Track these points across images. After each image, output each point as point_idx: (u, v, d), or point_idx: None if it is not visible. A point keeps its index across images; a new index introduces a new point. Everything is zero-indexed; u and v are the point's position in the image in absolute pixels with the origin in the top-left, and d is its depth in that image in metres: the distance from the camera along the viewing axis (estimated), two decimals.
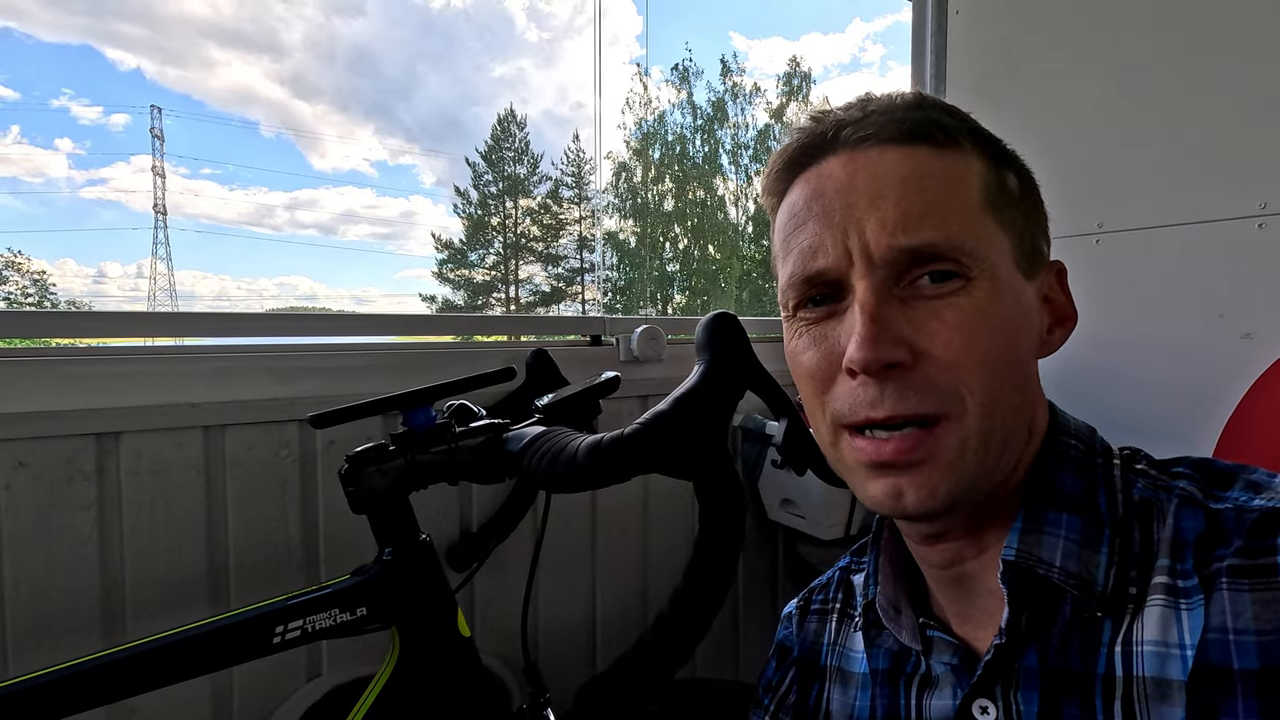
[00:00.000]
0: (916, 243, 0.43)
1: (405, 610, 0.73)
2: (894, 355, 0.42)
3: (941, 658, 0.50)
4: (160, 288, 26.55)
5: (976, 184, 0.45)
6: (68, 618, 0.84)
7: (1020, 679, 0.45)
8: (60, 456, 0.83)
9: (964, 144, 0.46)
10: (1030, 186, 0.49)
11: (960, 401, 0.42)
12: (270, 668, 0.93)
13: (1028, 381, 0.46)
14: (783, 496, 1.26)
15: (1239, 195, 0.98)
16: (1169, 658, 0.40)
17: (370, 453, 0.73)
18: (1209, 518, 0.42)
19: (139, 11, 42.83)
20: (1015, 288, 0.45)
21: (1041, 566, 0.44)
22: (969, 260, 0.43)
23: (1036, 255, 0.48)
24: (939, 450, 0.43)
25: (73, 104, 40.16)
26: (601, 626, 1.23)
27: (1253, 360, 0.97)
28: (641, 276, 19.98)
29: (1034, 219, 0.49)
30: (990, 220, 0.45)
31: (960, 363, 0.42)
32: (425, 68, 43.70)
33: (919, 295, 0.43)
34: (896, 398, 0.42)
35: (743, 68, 25.97)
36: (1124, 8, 1.09)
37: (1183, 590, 0.41)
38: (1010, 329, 0.44)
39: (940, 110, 0.47)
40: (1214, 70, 0.99)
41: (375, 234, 42.74)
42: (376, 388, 0.93)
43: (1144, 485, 0.46)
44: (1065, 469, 0.46)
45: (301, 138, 42.16)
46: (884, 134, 0.45)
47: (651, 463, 0.58)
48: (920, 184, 0.44)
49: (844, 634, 0.60)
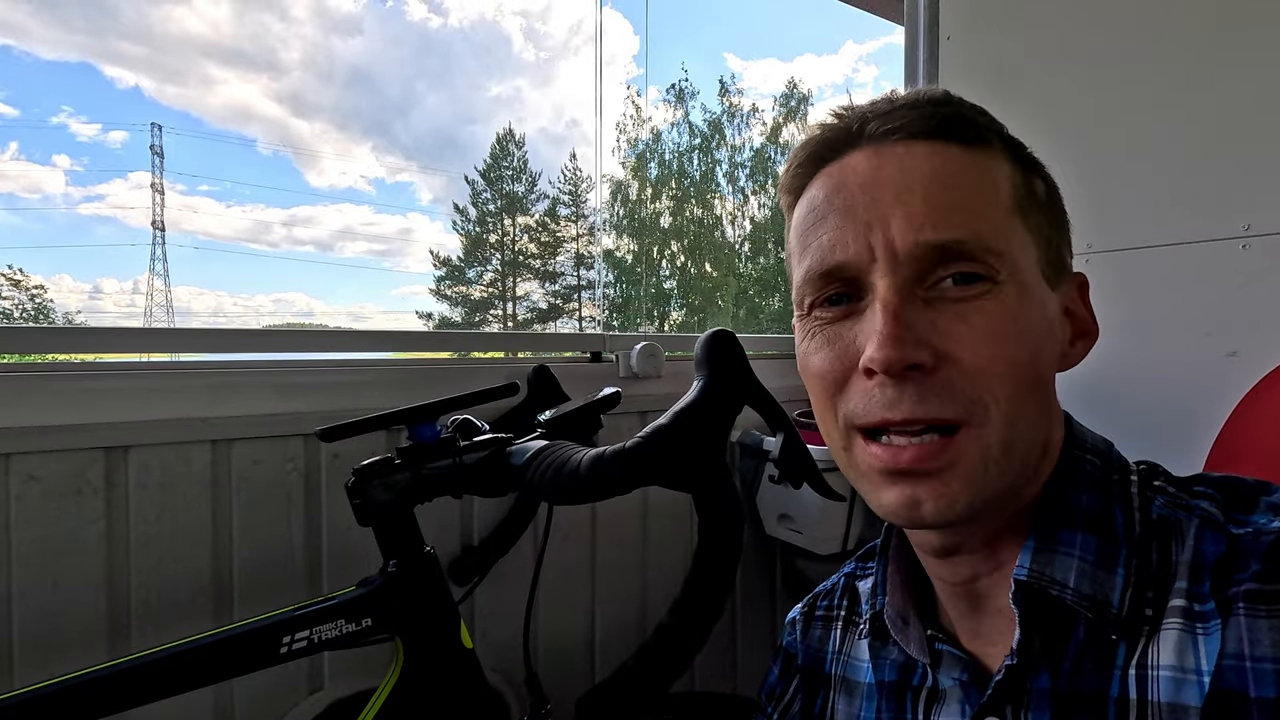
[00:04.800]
0: (945, 238, 0.41)
1: (410, 621, 0.74)
2: (917, 356, 0.40)
3: (950, 673, 0.49)
4: (157, 304, 26.52)
5: (1005, 186, 0.43)
6: (74, 629, 0.85)
7: (1031, 699, 0.44)
8: (70, 470, 0.85)
9: (993, 144, 0.45)
10: (1055, 195, 0.48)
11: (984, 409, 0.40)
12: (272, 681, 0.94)
13: (1048, 394, 0.45)
14: (780, 511, 1.27)
15: (1224, 218, 1.00)
16: (1185, 683, 0.39)
17: (377, 466, 0.75)
18: (1229, 542, 0.41)
19: (139, 30, 43.17)
20: (1041, 296, 0.44)
21: (1055, 588, 0.42)
22: (997, 263, 0.41)
23: (1061, 265, 0.46)
24: (961, 459, 0.41)
25: (71, 121, 40.34)
26: (600, 640, 1.23)
27: (1239, 378, 0.99)
28: (638, 294, 20.05)
29: (1060, 228, 0.47)
30: (1019, 224, 0.43)
31: (986, 369, 0.40)
32: (423, 86, 44.11)
33: (944, 297, 0.41)
34: (916, 400, 0.40)
35: (739, 88, 26.28)
36: (1114, 34, 1.12)
37: (1199, 614, 0.40)
38: (1035, 338, 0.42)
39: (969, 108, 0.45)
40: (1201, 98, 1.02)
41: (373, 250, 42.83)
42: (379, 403, 0.95)
43: (1163, 503, 0.44)
44: (1081, 486, 0.45)
45: (299, 155, 42.39)
46: (912, 128, 0.43)
47: (652, 475, 0.60)
48: (949, 180, 0.42)
49: (849, 642, 0.58)
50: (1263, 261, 0.97)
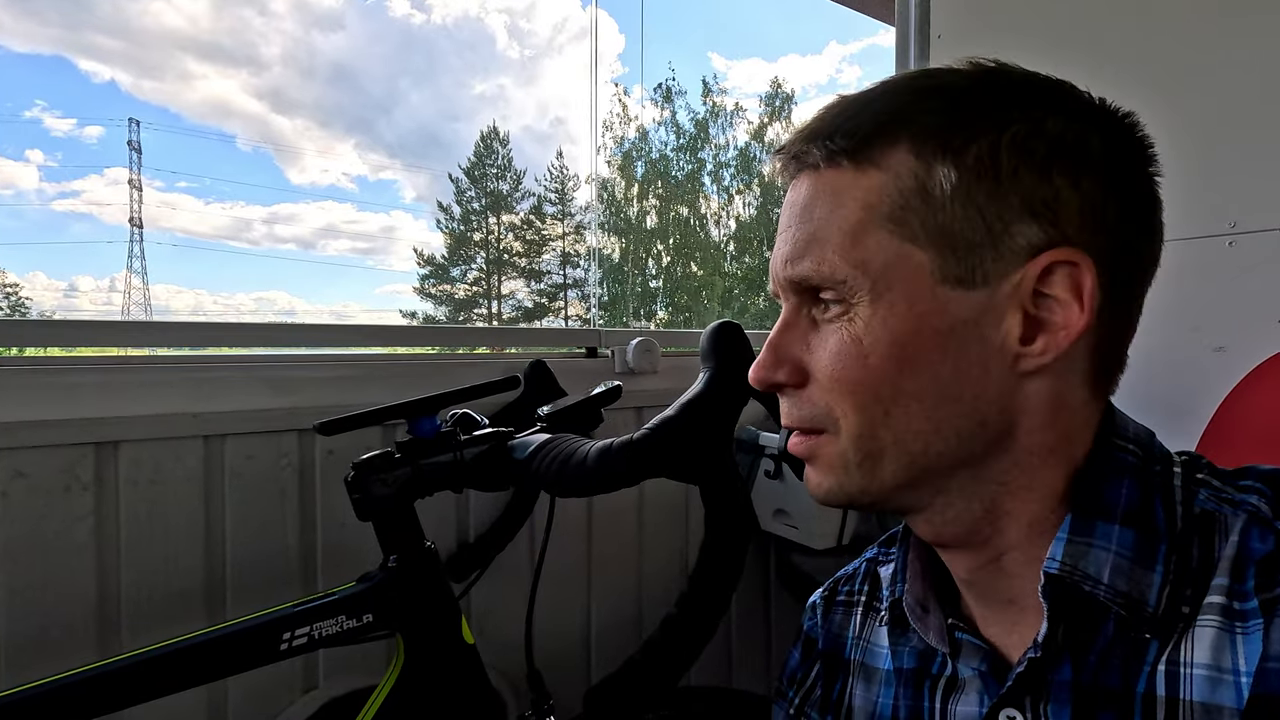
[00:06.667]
0: (794, 274, 0.45)
1: (411, 616, 0.73)
2: (774, 378, 0.46)
3: (970, 662, 0.49)
4: (135, 302, 26.12)
5: (878, 200, 0.42)
6: (63, 628, 0.83)
7: (1051, 692, 0.43)
8: (58, 466, 0.83)
9: (895, 148, 0.42)
10: (987, 173, 0.41)
11: (835, 422, 0.45)
12: (266, 680, 0.93)
13: (946, 400, 0.42)
14: (776, 507, 1.27)
15: (1211, 215, 1.02)
16: (1221, 683, 0.38)
17: (376, 460, 0.74)
18: (1278, 540, 0.40)
19: (114, 23, 42.53)
20: (935, 304, 0.42)
21: (1088, 583, 0.41)
22: (845, 289, 0.43)
23: (986, 258, 0.41)
24: (822, 454, 0.46)
25: (45, 115, 39.65)
26: (596, 636, 1.23)
27: (1226, 372, 1.01)
28: (624, 293, 20.06)
29: (990, 212, 0.41)
30: (891, 238, 0.42)
31: (831, 388, 0.44)
32: (406, 83, 43.80)
33: (819, 318, 0.45)
34: (787, 410, 0.47)
35: (723, 88, 26.33)
36: (1102, 34, 1.14)
37: (1240, 613, 0.39)
38: (909, 351, 0.42)
39: (870, 116, 0.43)
40: (1188, 96, 1.04)
41: (356, 249, 42.52)
42: (374, 398, 0.94)
43: (1206, 496, 0.43)
44: (1120, 477, 0.44)
45: (280, 152, 41.95)
46: (805, 160, 0.46)
47: (660, 467, 0.60)
48: (810, 213, 0.44)
49: (869, 628, 0.58)
50: (1249, 258, 0.99)
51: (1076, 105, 0.44)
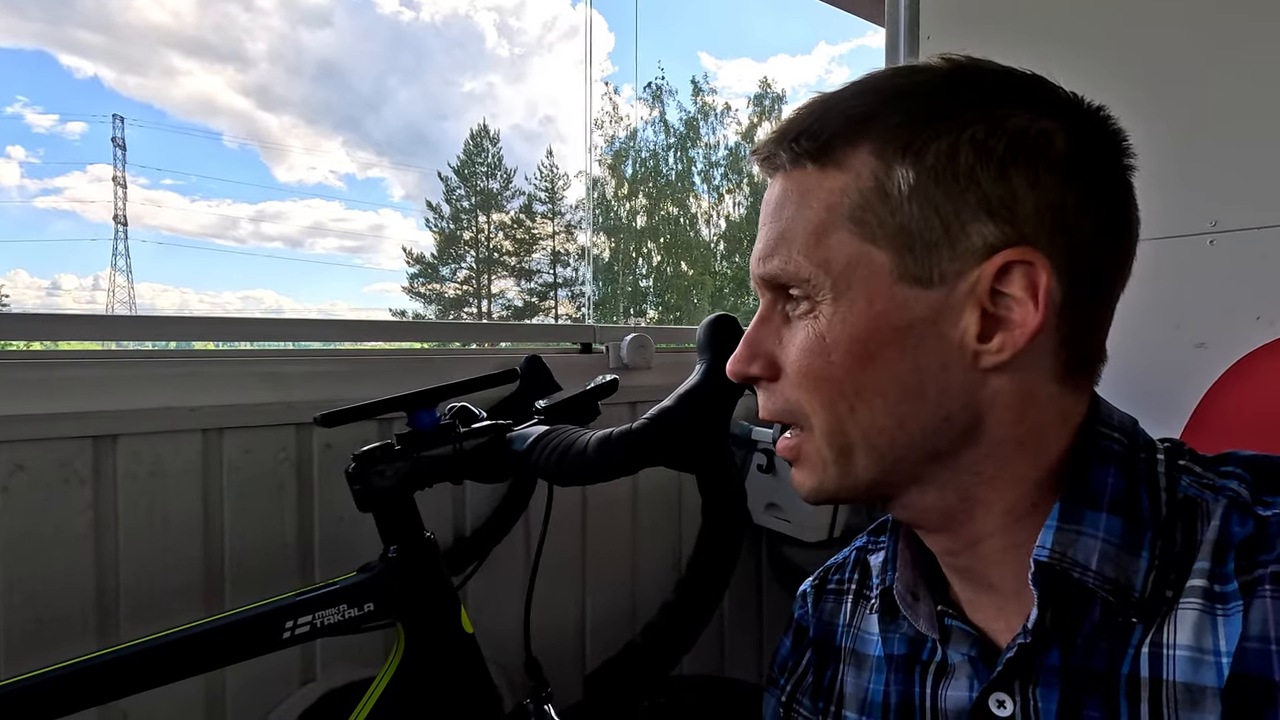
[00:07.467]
0: (765, 273, 0.46)
1: (411, 606, 0.74)
2: (749, 372, 0.47)
3: (959, 648, 0.49)
4: (119, 300, 25.83)
5: (841, 200, 0.43)
6: (62, 620, 0.83)
7: (1040, 676, 0.44)
8: (57, 459, 0.83)
9: (857, 150, 0.43)
10: (945, 172, 0.41)
11: (807, 417, 0.46)
12: (264, 671, 0.93)
13: (908, 396, 0.43)
14: (768, 500, 1.29)
15: (1192, 214, 1.05)
16: (1202, 664, 0.39)
17: (377, 452, 0.75)
18: (1257, 523, 0.41)
19: (97, 18, 42.05)
20: (894, 302, 0.43)
21: (1077, 570, 0.42)
22: (809, 288, 0.44)
23: (943, 257, 0.42)
24: (804, 453, 0.47)
25: (27, 111, 39.12)
26: (590, 628, 1.24)
27: (1206, 368, 1.04)
28: (614, 292, 20.06)
29: (947, 212, 0.41)
30: (852, 237, 0.43)
31: (800, 384, 0.45)
32: (395, 81, 43.53)
33: (791, 315, 0.47)
34: (763, 403, 0.48)
35: (713, 88, 26.39)
36: (1089, 34, 1.16)
37: (1220, 595, 0.40)
38: (869, 348, 0.43)
39: (844, 109, 0.44)
40: (1169, 101, 1.06)
41: (343, 247, 42.20)
42: (370, 392, 0.94)
43: (1189, 483, 0.44)
44: (1106, 464, 0.44)
45: (267, 149, 41.55)
46: (775, 163, 0.47)
47: (659, 456, 0.61)
48: (780, 213, 0.46)
49: (859, 616, 0.59)
50: (1229, 256, 1.02)
51: (1044, 101, 0.44)
